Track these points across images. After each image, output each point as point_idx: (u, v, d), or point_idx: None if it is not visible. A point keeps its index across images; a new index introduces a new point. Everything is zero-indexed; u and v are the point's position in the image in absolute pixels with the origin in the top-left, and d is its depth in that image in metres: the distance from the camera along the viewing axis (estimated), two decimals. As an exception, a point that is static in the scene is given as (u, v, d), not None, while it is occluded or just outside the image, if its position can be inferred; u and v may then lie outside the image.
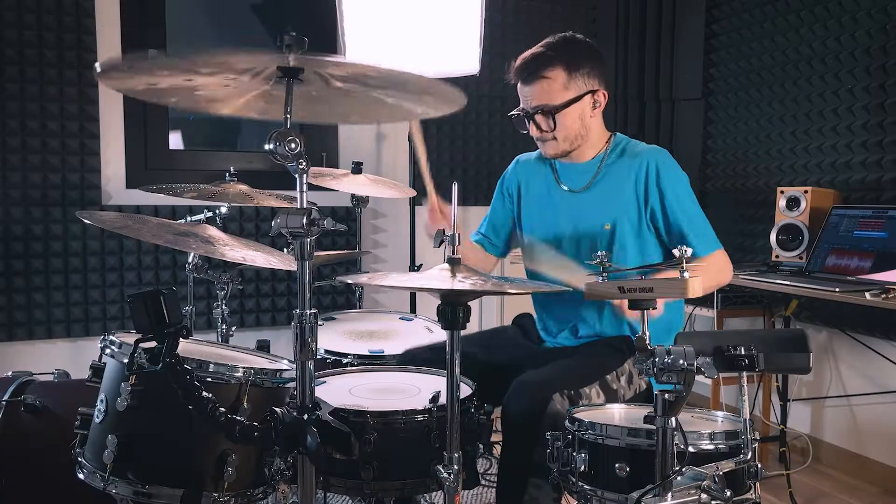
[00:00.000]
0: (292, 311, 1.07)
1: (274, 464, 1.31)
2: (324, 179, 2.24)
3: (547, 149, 1.88)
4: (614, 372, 1.71)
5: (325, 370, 1.72)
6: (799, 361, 1.29)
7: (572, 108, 1.81)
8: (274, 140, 1.04)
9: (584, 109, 1.83)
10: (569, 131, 1.83)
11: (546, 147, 1.87)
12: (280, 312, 3.31)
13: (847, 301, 2.23)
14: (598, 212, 1.85)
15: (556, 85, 1.79)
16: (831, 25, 2.91)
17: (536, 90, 1.81)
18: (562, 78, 1.79)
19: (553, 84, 1.79)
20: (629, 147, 1.88)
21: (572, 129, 1.83)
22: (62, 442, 1.42)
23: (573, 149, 1.86)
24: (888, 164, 2.70)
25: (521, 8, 3.67)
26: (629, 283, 1.21)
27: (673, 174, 1.81)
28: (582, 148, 1.88)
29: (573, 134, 1.83)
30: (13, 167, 2.85)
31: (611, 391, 1.68)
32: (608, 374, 1.69)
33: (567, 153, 1.88)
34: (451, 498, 1.20)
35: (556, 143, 1.84)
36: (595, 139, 1.88)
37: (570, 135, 1.83)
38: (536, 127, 1.83)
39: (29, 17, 2.83)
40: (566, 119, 1.81)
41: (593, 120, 1.86)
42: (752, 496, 1.27)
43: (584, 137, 1.86)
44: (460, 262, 1.25)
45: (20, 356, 2.91)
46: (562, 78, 1.79)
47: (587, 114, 1.83)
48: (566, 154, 1.88)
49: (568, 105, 1.80)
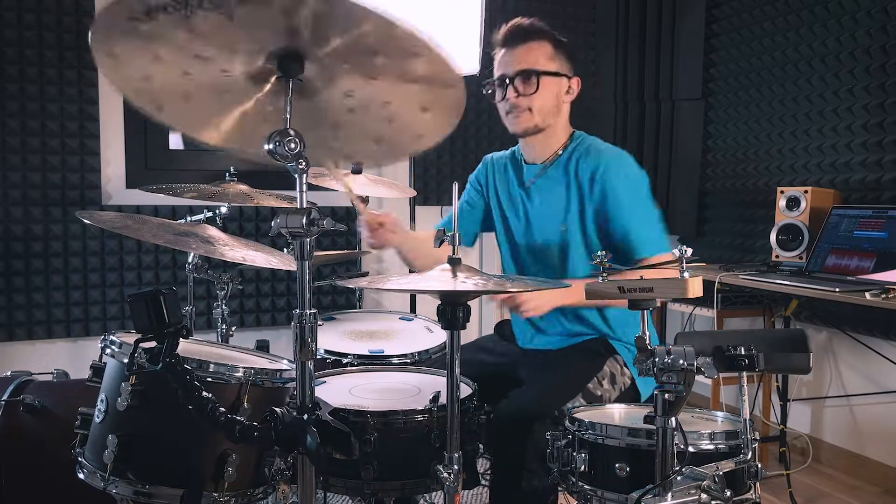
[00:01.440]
0: (292, 311, 1.07)
1: (274, 464, 1.31)
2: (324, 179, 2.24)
3: (519, 121, 1.81)
4: (595, 378, 1.69)
5: (325, 370, 1.72)
6: (799, 361, 1.29)
7: (554, 80, 1.79)
8: (273, 140, 1.04)
9: (561, 88, 1.81)
10: (545, 103, 1.79)
11: (518, 120, 1.81)
12: (280, 312, 3.31)
13: (847, 301, 2.23)
14: (552, 213, 1.83)
15: (543, 53, 1.79)
16: (831, 25, 2.91)
17: (523, 53, 1.78)
18: (548, 49, 1.80)
19: (540, 51, 1.79)
20: (584, 147, 1.83)
21: (548, 103, 1.80)
22: (62, 442, 1.42)
23: (543, 126, 1.82)
24: (888, 164, 2.70)
25: (521, 8, 3.67)
26: (629, 283, 1.21)
27: (622, 174, 1.76)
28: (547, 134, 1.84)
29: (547, 108, 1.80)
30: (13, 167, 2.85)
31: (595, 398, 1.66)
32: (589, 382, 1.68)
33: (536, 131, 1.82)
34: (451, 498, 1.20)
35: (530, 115, 1.79)
36: (560, 130, 1.86)
37: (545, 108, 1.79)
38: (515, 91, 1.78)
39: (29, 17, 2.83)
40: (547, 90, 1.78)
41: (565, 106, 1.84)
42: (752, 496, 1.26)
43: (555, 120, 1.82)
44: (460, 262, 1.25)
45: (20, 356, 2.91)
46: (548, 49, 1.80)
47: (562, 95, 1.82)
48: (535, 132, 1.82)
49: (553, 75, 1.79)
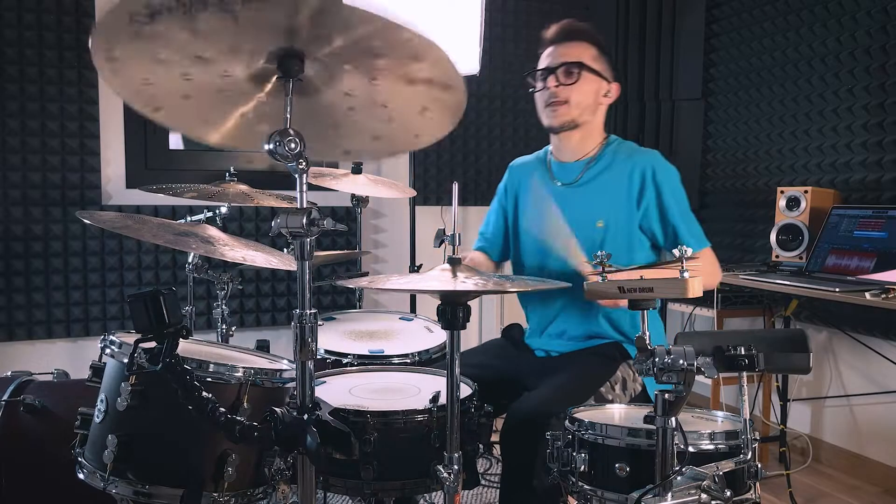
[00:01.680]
0: (292, 311, 1.07)
1: (274, 464, 1.31)
2: (324, 179, 2.24)
3: (557, 114, 1.84)
4: (608, 383, 1.70)
5: (325, 370, 1.72)
6: (799, 361, 1.29)
7: (594, 78, 1.84)
8: (274, 140, 1.04)
9: (600, 88, 1.86)
10: (583, 97, 1.83)
11: (556, 112, 1.84)
12: (280, 312, 3.32)
13: (847, 301, 2.23)
14: (591, 208, 1.84)
15: (589, 53, 1.85)
16: (831, 25, 2.91)
17: (569, 49, 1.84)
18: (593, 51, 1.86)
19: (587, 50, 1.85)
20: (624, 148, 1.88)
21: (587, 98, 1.83)
22: (62, 442, 1.42)
23: (580, 122, 1.85)
24: (888, 164, 2.70)
25: (521, 8, 3.68)
26: (629, 282, 1.21)
27: (669, 172, 1.82)
28: (583, 132, 1.87)
29: (584, 104, 1.83)
30: (13, 167, 2.85)
31: (606, 402, 1.66)
32: (601, 386, 1.69)
33: (573, 126, 1.85)
34: (451, 498, 1.20)
35: (568, 108, 1.82)
36: (595, 131, 1.89)
37: (583, 103, 1.83)
38: (556, 80, 1.82)
39: (29, 17, 2.83)
40: (587, 85, 1.83)
41: (601, 108, 1.88)
42: (752, 496, 1.26)
43: (591, 118, 1.86)
44: (461, 262, 1.25)
45: (20, 356, 2.91)
46: (593, 51, 1.86)
47: (600, 96, 1.86)
48: (572, 127, 1.85)
49: (594, 73, 1.83)
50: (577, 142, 1.89)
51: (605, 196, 1.84)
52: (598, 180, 1.86)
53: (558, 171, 1.94)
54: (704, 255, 1.81)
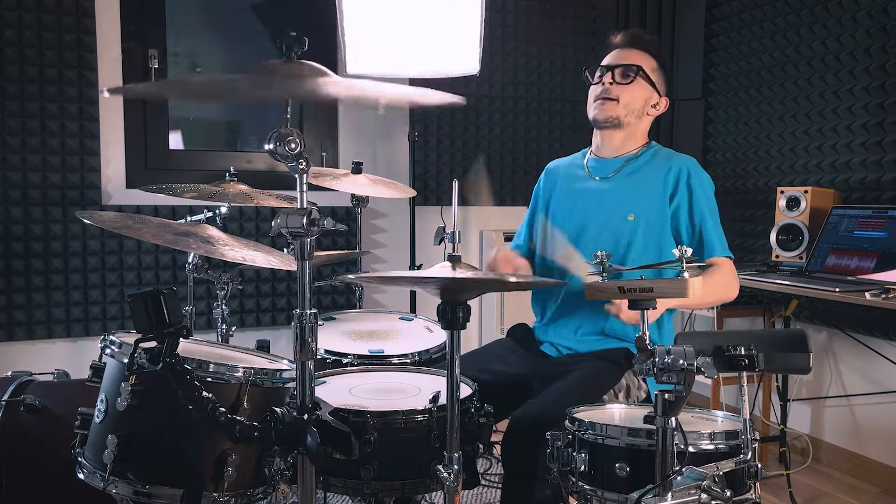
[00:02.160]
0: (292, 311, 1.07)
1: (274, 464, 1.31)
2: (324, 179, 2.24)
3: (604, 108, 1.88)
4: (611, 390, 1.69)
5: (325, 370, 1.72)
6: (799, 361, 1.29)
7: (648, 88, 1.89)
8: (274, 140, 1.04)
9: (651, 97, 1.90)
10: (633, 100, 1.88)
11: (604, 107, 1.88)
12: (280, 312, 3.32)
13: (847, 301, 2.23)
14: (623, 202, 1.87)
15: (648, 62, 1.90)
16: (831, 25, 2.91)
17: (631, 54, 1.89)
18: (653, 63, 1.91)
19: (647, 61, 1.90)
20: (664, 152, 1.93)
21: (636, 102, 1.88)
22: (62, 442, 1.42)
23: (624, 123, 1.89)
24: (888, 164, 2.70)
25: (521, 8, 3.68)
26: (629, 283, 1.21)
27: (704, 178, 1.87)
28: (626, 133, 1.91)
29: (633, 107, 1.88)
30: (13, 167, 2.85)
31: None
32: (605, 393, 1.68)
33: (616, 124, 1.89)
34: (451, 498, 1.20)
35: (616, 105, 1.87)
36: (639, 134, 1.94)
37: (632, 105, 1.88)
38: (612, 78, 1.87)
39: (29, 17, 2.83)
40: (639, 88, 1.88)
41: (648, 117, 1.93)
42: (752, 496, 1.26)
43: (636, 122, 1.91)
44: (460, 260, 1.25)
45: (20, 356, 2.91)
46: (653, 63, 1.91)
47: (650, 105, 1.91)
48: (615, 125, 1.89)
49: (649, 81, 1.88)
50: (619, 141, 1.93)
51: (640, 191, 1.87)
52: (635, 176, 1.90)
53: (596, 167, 1.97)
54: (725, 264, 1.81)
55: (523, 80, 3.65)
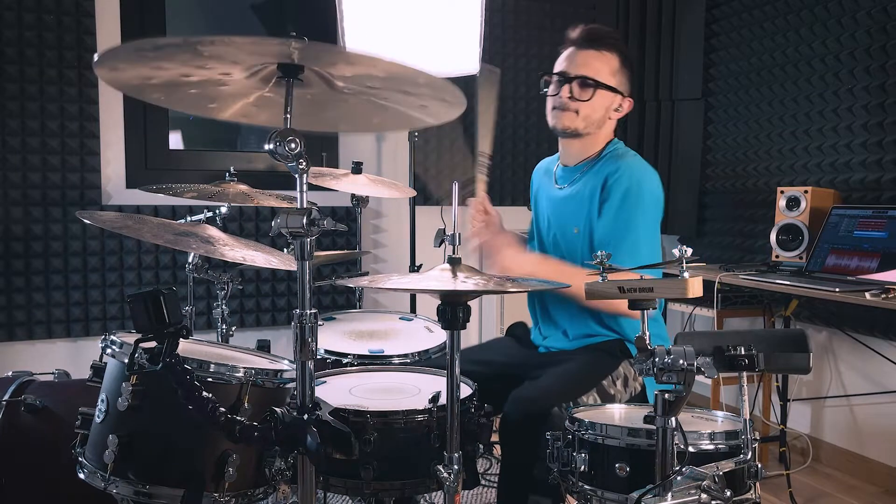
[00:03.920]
0: (292, 311, 1.07)
1: (274, 464, 1.31)
2: (324, 179, 2.24)
3: (563, 119, 1.83)
4: (610, 376, 1.70)
5: (325, 370, 1.72)
6: (799, 361, 1.29)
7: (610, 95, 1.82)
8: (274, 140, 1.04)
9: (613, 104, 1.84)
10: (593, 113, 1.82)
11: (562, 117, 1.82)
12: (280, 312, 3.31)
13: (847, 301, 2.23)
14: (571, 215, 1.85)
15: (608, 66, 1.81)
16: (831, 25, 2.91)
17: (590, 59, 1.80)
18: (615, 63, 1.82)
19: (606, 63, 1.81)
20: (615, 154, 1.85)
21: (596, 114, 1.82)
22: (62, 442, 1.42)
23: (584, 133, 1.84)
24: (888, 164, 2.70)
25: (521, 8, 3.67)
26: (629, 282, 1.21)
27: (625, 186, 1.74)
28: (585, 141, 1.86)
29: (593, 119, 1.82)
30: (13, 167, 2.85)
31: (608, 396, 1.68)
32: (604, 379, 1.69)
33: (575, 134, 1.84)
34: (451, 498, 1.20)
35: (576, 117, 1.81)
36: (600, 140, 1.87)
37: (591, 118, 1.82)
38: (570, 93, 1.80)
39: (29, 17, 2.83)
40: (599, 101, 1.81)
41: (610, 122, 1.87)
42: (752, 496, 1.27)
43: (596, 131, 1.84)
44: (460, 262, 1.25)
45: (20, 356, 2.91)
46: (615, 63, 1.82)
47: (611, 110, 1.84)
48: (574, 135, 1.84)
49: (610, 90, 1.81)
50: (577, 149, 1.89)
51: (579, 203, 1.83)
52: (578, 186, 1.85)
53: (560, 174, 1.95)
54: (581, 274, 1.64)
55: (523, 80, 3.65)
